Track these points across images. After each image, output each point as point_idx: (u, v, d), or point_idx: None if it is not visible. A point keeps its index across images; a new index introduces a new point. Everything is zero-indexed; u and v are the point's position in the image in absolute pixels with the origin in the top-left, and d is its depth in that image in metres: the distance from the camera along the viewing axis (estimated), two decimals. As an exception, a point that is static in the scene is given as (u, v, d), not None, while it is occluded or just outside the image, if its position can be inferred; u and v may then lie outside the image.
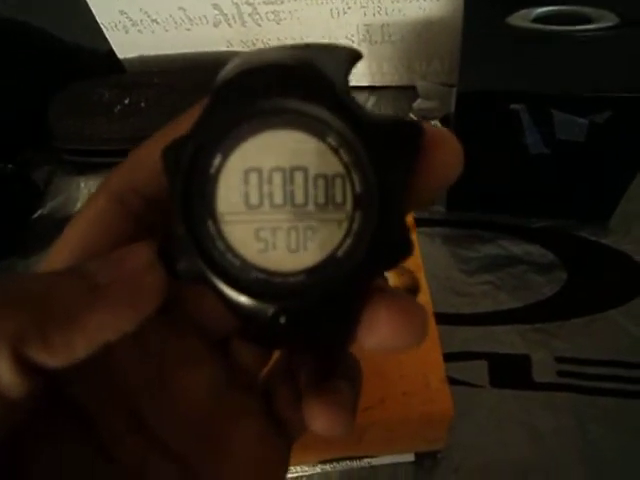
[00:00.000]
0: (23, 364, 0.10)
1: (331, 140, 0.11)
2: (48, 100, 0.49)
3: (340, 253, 0.12)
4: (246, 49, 0.52)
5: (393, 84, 0.53)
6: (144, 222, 0.13)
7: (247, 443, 0.14)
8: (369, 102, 0.53)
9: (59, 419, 0.12)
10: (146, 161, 0.13)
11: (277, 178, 0.12)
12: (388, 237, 0.12)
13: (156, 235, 0.13)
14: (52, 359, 0.10)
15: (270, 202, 0.12)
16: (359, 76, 0.53)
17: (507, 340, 0.39)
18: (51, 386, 0.12)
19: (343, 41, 0.50)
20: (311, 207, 0.12)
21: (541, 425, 0.35)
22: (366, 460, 0.34)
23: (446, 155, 0.12)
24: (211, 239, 0.12)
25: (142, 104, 0.47)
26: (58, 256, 0.13)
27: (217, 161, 0.12)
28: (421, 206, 0.12)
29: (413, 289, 0.28)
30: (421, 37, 0.49)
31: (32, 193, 0.50)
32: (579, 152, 0.36)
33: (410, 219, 0.31)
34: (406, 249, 0.12)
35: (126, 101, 0.48)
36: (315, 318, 0.12)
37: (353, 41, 0.49)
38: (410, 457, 0.34)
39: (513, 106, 0.34)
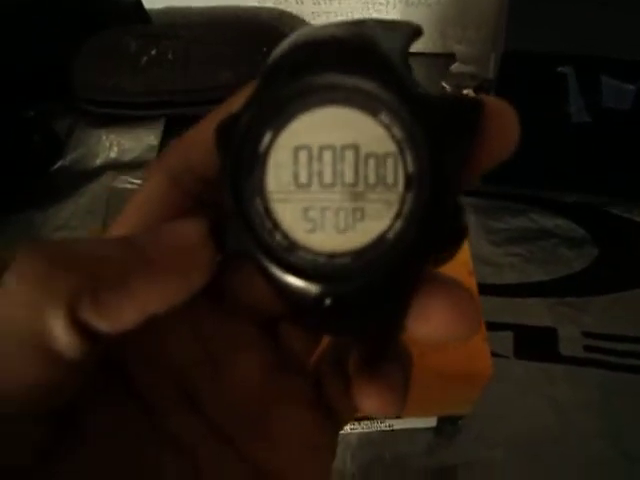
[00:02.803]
0: (78, 325, 0.10)
1: (384, 117, 0.11)
2: (72, 49, 0.48)
3: (390, 235, 0.11)
4: (277, 5, 0.50)
5: (426, 51, 0.51)
6: (202, 201, 0.13)
7: (296, 428, 0.14)
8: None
9: (114, 392, 0.12)
10: (201, 141, 0.13)
11: (327, 156, 0.11)
12: (441, 220, 0.11)
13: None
14: (103, 322, 0.10)
15: (319, 181, 0.11)
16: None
17: (534, 312, 0.38)
18: (104, 357, 0.12)
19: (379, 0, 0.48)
20: (361, 187, 0.11)
21: (564, 398, 0.35)
22: (388, 422, 0.33)
23: (505, 130, 0.11)
24: (259, 217, 0.12)
25: (169, 56, 0.46)
26: (118, 231, 0.13)
27: (267, 139, 0.12)
28: (473, 184, 0.12)
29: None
30: (459, 2, 0.47)
31: (53, 144, 0.49)
32: (622, 122, 0.35)
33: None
34: (459, 233, 0.11)
35: (153, 52, 0.46)
36: (362, 302, 0.12)
37: (389, 1, 0.48)
38: (432, 422, 0.34)
39: (560, 69, 0.33)
